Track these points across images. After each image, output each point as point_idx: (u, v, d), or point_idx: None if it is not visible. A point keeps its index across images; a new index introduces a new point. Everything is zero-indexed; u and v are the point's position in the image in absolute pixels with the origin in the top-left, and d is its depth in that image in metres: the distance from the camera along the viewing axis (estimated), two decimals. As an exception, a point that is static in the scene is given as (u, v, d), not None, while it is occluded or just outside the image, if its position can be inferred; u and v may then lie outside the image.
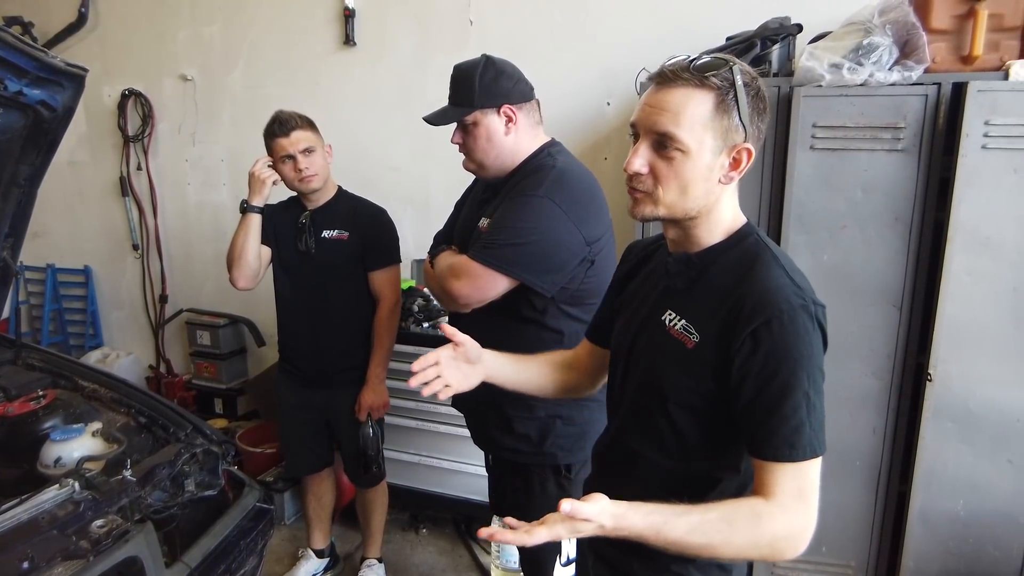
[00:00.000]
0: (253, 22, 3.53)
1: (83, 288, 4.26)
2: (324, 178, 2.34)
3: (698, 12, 2.72)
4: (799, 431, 0.96)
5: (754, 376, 0.98)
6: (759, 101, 1.02)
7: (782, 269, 1.03)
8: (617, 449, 1.23)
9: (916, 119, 2.03)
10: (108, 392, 2.17)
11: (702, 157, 1.00)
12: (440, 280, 1.66)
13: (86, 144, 4.05)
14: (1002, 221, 2.01)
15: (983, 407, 2.13)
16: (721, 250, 1.08)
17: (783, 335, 0.97)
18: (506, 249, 1.55)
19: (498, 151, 1.66)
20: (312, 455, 2.57)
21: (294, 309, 2.44)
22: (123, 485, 1.64)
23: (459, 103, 1.67)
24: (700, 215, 1.06)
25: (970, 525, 2.22)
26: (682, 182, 1.02)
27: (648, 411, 1.12)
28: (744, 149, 1.01)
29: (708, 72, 0.99)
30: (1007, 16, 1.98)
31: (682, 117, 0.99)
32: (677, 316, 1.09)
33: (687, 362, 1.05)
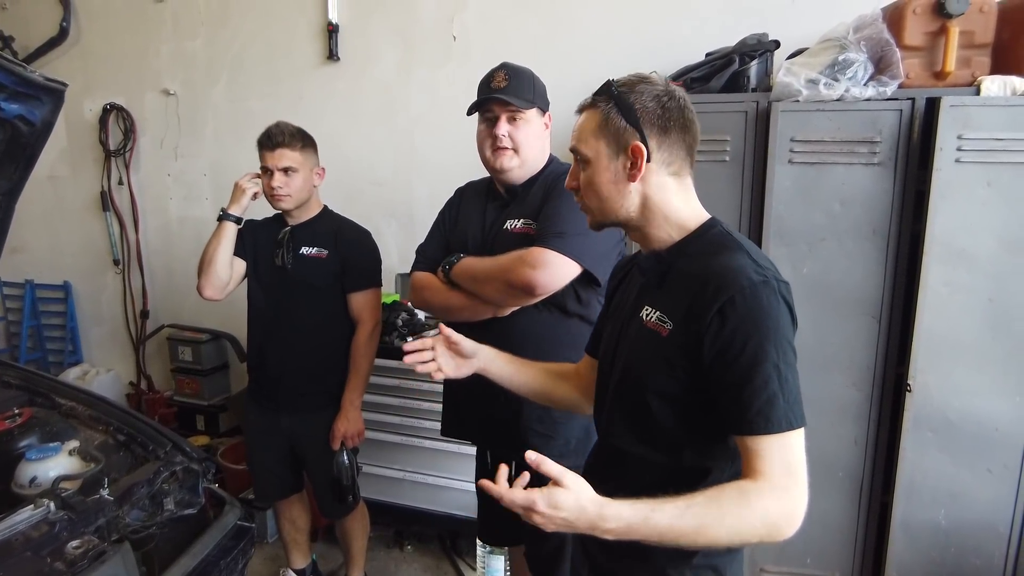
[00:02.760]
0: (236, 37, 3.53)
1: (62, 304, 4.21)
2: (299, 201, 2.28)
3: (677, 29, 2.76)
4: (772, 403, 0.99)
5: (723, 353, 1.02)
6: (649, 102, 1.11)
7: (744, 252, 1.08)
8: (606, 453, 1.25)
9: (891, 133, 2.07)
10: (86, 410, 2.14)
11: (600, 162, 1.14)
12: (505, 274, 1.64)
13: (67, 158, 4.02)
14: (977, 233, 2.05)
15: (962, 417, 2.15)
16: (687, 243, 1.14)
17: (747, 309, 1.00)
18: (577, 239, 1.62)
19: (538, 151, 1.79)
20: (278, 480, 2.47)
21: (265, 326, 2.37)
22: (100, 504, 1.62)
23: (521, 95, 1.73)
24: (644, 216, 1.15)
25: (952, 535, 2.23)
26: (595, 188, 1.15)
27: (631, 406, 1.16)
28: (634, 147, 1.10)
29: (594, 94, 1.16)
30: (978, 33, 2.03)
31: (580, 134, 1.17)
32: (652, 309, 1.14)
33: (662, 350, 1.10)
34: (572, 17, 2.93)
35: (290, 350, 2.33)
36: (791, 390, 1.00)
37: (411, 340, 1.45)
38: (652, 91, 1.12)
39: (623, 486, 1.13)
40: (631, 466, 1.18)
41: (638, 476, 1.17)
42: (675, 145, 1.12)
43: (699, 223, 1.16)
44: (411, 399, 2.81)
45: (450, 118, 3.18)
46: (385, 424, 2.82)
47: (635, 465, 1.18)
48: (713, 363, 1.03)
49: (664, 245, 1.16)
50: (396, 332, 2.89)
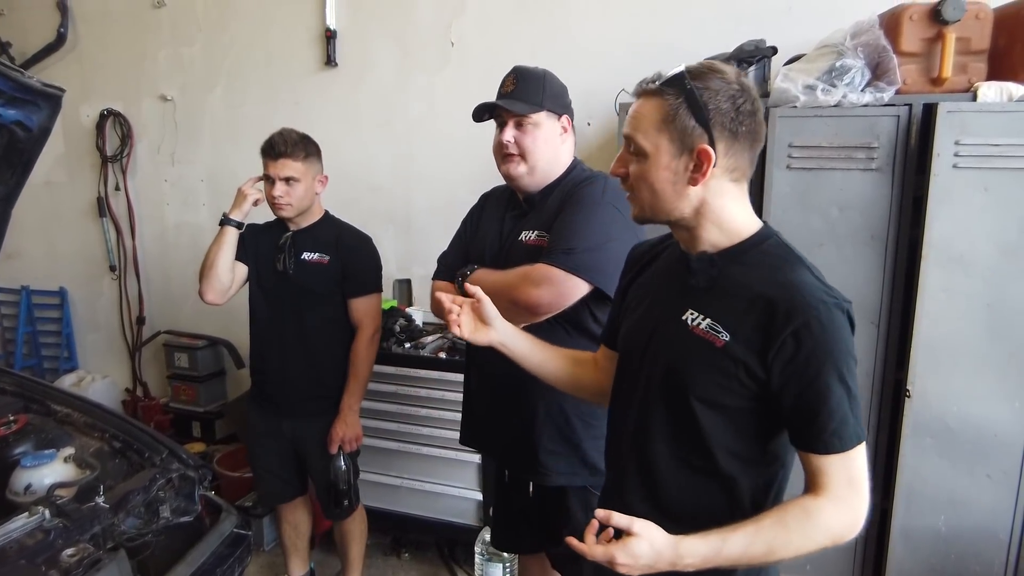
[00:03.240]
0: (234, 42, 3.53)
1: (58, 310, 4.19)
2: (300, 209, 2.30)
3: (676, 35, 2.76)
4: (845, 423, 1.01)
5: (798, 376, 1.02)
6: (728, 104, 1.04)
7: (807, 269, 1.07)
8: (637, 452, 1.22)
9: (889, 139, 2.08)
10: (82, 416, 2.13)
11: (660, 159, 1.07)
12: (510, 291, 1.58)
13: (63, 164, 4.01)
14: (975, 238, 2.05)
15: (961, 422, 2.15)
16: (742, 250, 1.10)
17: (822, 334, 1.00)
18: (587, 255, 1.54)
19: (551, 157, 1.69)
20: (282, 484, 2.48)
21: (267, 331, 2.38)
22: (95, 512, 1.61)
23: (527, 100, 1.65)
24: (696, 217, 1.10)
25: (951, 541, 2.23)
26: (648, 184, 1.09)
27: (671, 410, 1.14)
28: (702, 150, 1.04)
29: (661, 81, 1.06)
30: (974, 40, 2.04)
31: (639, 123, 1.08)
32: (700, 315, 1.10)
33: (716, 361, 1.07)
34: (569, 23, 2.94)
35: (291, 355, 2.34)
36: (857, 406, 1.03)
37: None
38: (728, 90, 1.05)
39: (655, 486, 1.17)
40: (663, 467, 1.17)
41: (671, 478, 1.16)
42: (743, 151, 1.08)
43: (753, 229, 1.12)
44: (409, 405, 2.80)
45: (448, 124, 3.19)
46: (382, 431, 2.80)
47: (668, 467, 1.16)
48: (785, 385, 1.03)
49: (714, 248, 1.12)
50: (394, 338, 2.88)
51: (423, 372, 2.77)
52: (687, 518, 1.12)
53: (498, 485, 1.97)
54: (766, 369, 1.03)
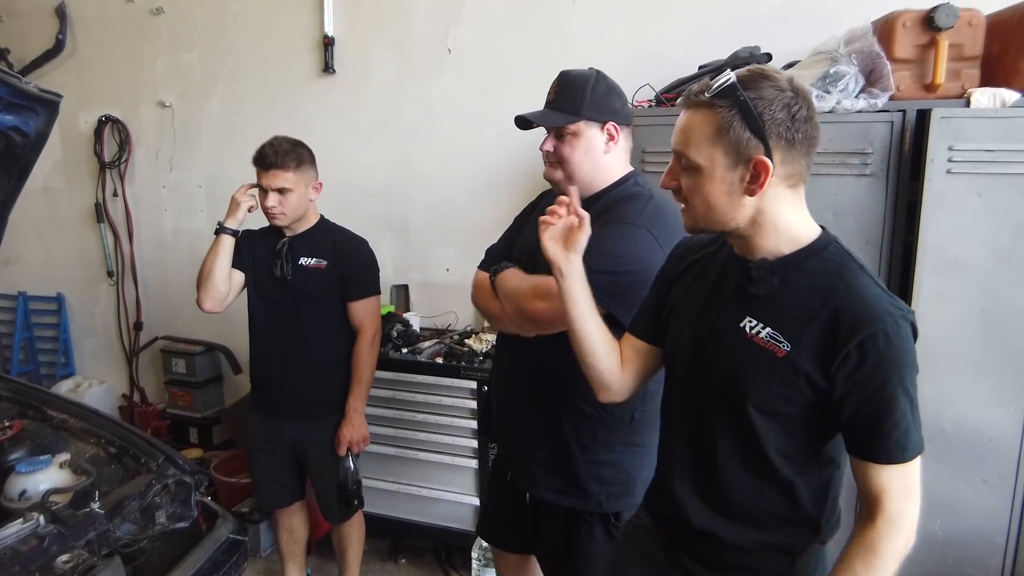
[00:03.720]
0: (232, 49, 3.54)
1: (55, 316, 4.19)
2: (294, 217, 2.31)
3: (672, 42, 2.78)
4: (908, 434, 1.02)
5: (861, 387, 1.01)
6: (784, 112, 1.02)
7: (871, 279, 1.07)
8: (695, 457, 1.22)
9: (883, 145, 2.09)
10: (77, 422, 2.13)
11: (715, 173, 1.05)
12: (518, 300, 1.57)
13: (61, 170, 4.02)
14: (969, 243, 2.06)
15: (956, 427, 2.16)
16: (802, 258, 1.08)
17: (888, 347, 1.00)
18: (602, 277, 1.44)
19: (593, 167, 1.62)
20: (281, 488, 2.48)
21: (267, 337, 2.40)
22: (90, 518, 1.61)
23: (564, 109, 1.60)
24: (752, 226, 1.08)
25: (948, 546, 2.23)
26: (704, 198, 1.08)
27: (730, 418, 1.13)
28: (759, 162, 1.03)
29: (711, 92, 1.04)
30: (967, 46, 2.06)
31: (691, 137, 1.07)
32: (760, 324, 1.09)
33: (778, 371, 1.07)
34: (566, 30, 2.95)
35: (292, 360, 2.36)
36: (918, 417, 1.04)
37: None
38: (782, 98, 1.02)
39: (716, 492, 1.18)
40: (721, 474, 1.17)
41: (731, 486, 1.16)
42: (800, 158, 1.05)
43: (812, 236, 1.10)
44: (406, 411, 2.80)
45: (445, 130, 3.21)
46: (379, 436, 2.80)
47: (727, 475, 1.16)
48: (848, 395, 1.03)
49: (772, 255, 1.09)
50: (391, 343, 2.89)
51: (420, 377, 2.77)
52: (748, 520, 1.16)
53: (499, 479, 1.94)
54: (829, 379, 1.03)
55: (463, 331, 3.09)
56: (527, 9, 3.01)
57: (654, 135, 2.26)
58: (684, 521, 1.22)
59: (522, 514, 1.83)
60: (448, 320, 3.20)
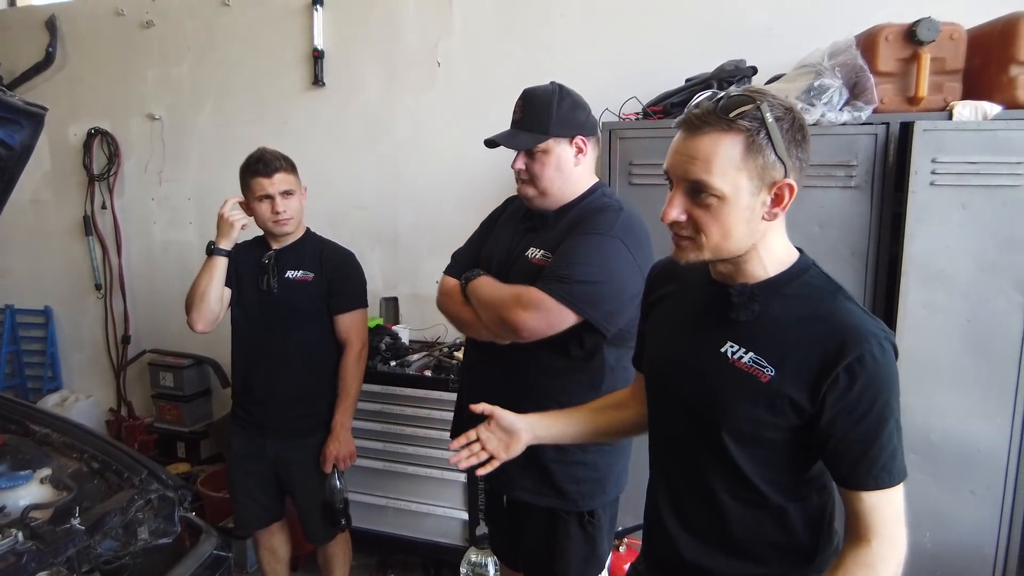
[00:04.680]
0: (222, 62, 3.55)
1: (43, 329, 4.16)
2: (298, 222, 2.31)
3: (658, 55, 2.80)
4: (894, 457, 1.02)
5: (850, 411, 1.00)
6: (796, 132, 1.01)
7: (852, 302, 1.06)
8: (685, 486, 1.20)
9: (867, 157, 2.10)
10: (60, 437, 2.10)
11: (740, 200, 1.00)
12: (499, 309, 1.59)
13: (50, 183, 4.00)
14: (953, 255, 2.07)
15: (944, 438, 2.16)
16: (783, 282, 1.07)
17: (876, 367, 0.99)
18: (581, 286, 1.52)
19: (564, 181, 1.66)
20: (260, 509, 2.42)
21: (251, 351, 2.35)
22: (70, 534, 1.58)
23: (531, 128, 1.63)
24: (750, 251, 1.06)
25: (937, 557, 2.22)
26: (723, 227, 1.01)
27: (727, 452, 1.10)
28: (785, 185, 1.00)
29: (734, 114, 0.98)
30: (948, 60, 2.08)
31: (713, 164, 0.98)
32: (742, 349, 1.07)
33: (762, 396, 1.05)
34: (555, 43, 2.98)
35: (277, 374, 2.31)
36: (902, 441, 1.04)
37: (452, 444, 1.39)
38: (797, 120, 1.01)
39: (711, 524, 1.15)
40: (718, 505, 1.14)
41: (724, 514, 1.14)
42: (801, 178, 1.03)
43: (792, 259, 1.09)
44: (394, 424, 2.78)
45: (434, 143, 3.22)
46: (368, 450, 2.78)
47: (717, 503, 1.14)
48: (835, 419, 1.01)
49: (754, 279, 1.08)
50: (379, 356, 2.87)
51: (409, 390, 2.76)
52: (741, 551, 1.14)
53: (482, 487, 2.02)
54: (816, 403, 1.02)
55: (452, 344, 3.08)
56: (516, 23, 3.03)
57: (640, 148, 2.28)
58: (676, 556, 1.19)
59: (504, 520, 1.85)
60: (437, 332, 3.18)
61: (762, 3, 2.69)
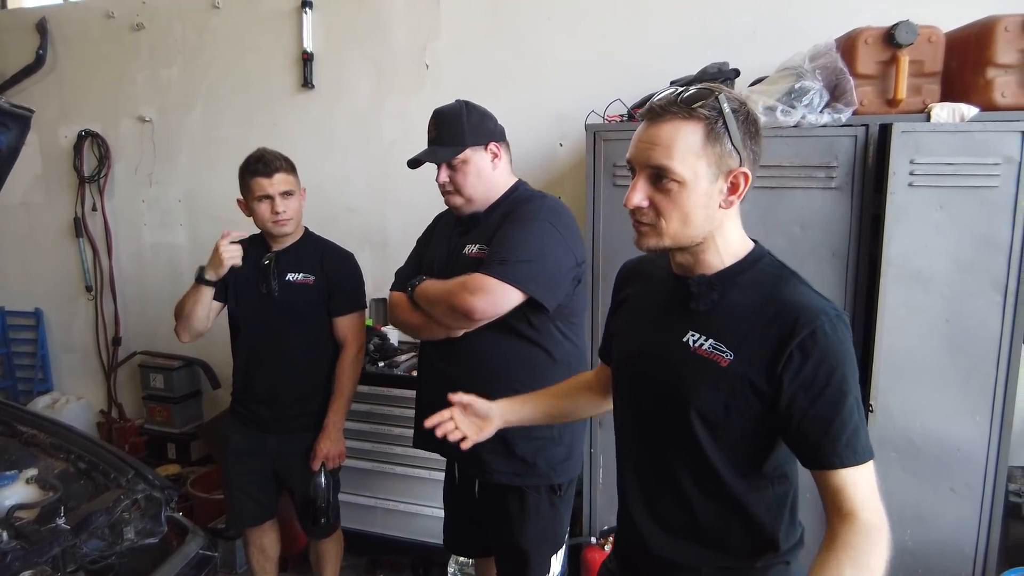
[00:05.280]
0: (212, 65, 3.56)
1: (33, 331, 4.16)
2: (297, 222, 2.33)
3: (643, 58, 2.82)
4: (857, 434, 1.01)
5: (807, 387, 1.02)
6: (750, 125, 1.06)
7: (805, 285, 1.10)
8: (650, 478, 1.22)
9: (847, 158, 2.13)
10: (48, 437, 2.11)
11: (698, 186, 1.04)
12: (449, 298, 1.69)
13: (40, 185, 4.00)
14: (932, 255, 2.09)
15: (924, 437, 2.18)
16: (739, 271, 1.11)
17: (828, 343, 1.01)
18: (519, 266, 1.65)
19: (486, 185, 1.80)
20: (255, 505, 2.44)
21: (252, 352, 2.37)
22: (55, 534, 1.60)
23: (448, 143, 1.78)
24: (707, 240, 1.10)
25: (918, 556, 2.24)
26: (682, 212, 1.06)
27: (678, 434, 1.13)
28: (740, 173, 1.05)
29: (695, 103, 1.03)
30: (927, 63, 2.10)
31: (674, 150, 1.03)
32: (702, 336, 1.10)
33: (722, 380, 1.07)
34: (541, 46, 3.00)
35: (277, 374, 2.34)
36: (864, 420, 1.04)
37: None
38: (744, 109, 1.05)
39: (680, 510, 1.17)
40: (685, 490, 1.16)
41: (686, 505, 1.16)
42: (755, 171, 1.08)
43: (747, 249, 1.13)
44: (382, 424, 2.79)
45: (423, 145, 3.19)
46: (357, 450, 2.79)
47: (680, 495, 1.16)
48: (794, 398, 1.02)
49: (712, 269, 1.12)
50: (368, 357, 2.88)
51: (397, 391, 2.77)
52: (706, 541, 1.16)
53: (449, 487, 2.05)
54: (775, 384, 1.03)
55: (441, 344, 3.09)
56: (503, 26, 3.05)
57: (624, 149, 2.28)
58: (645, 549, 1.21)
59: (477, 512, 1.92)
60: (426, 333, 3.20)
61: (746, 7, 2.72)
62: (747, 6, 2.72)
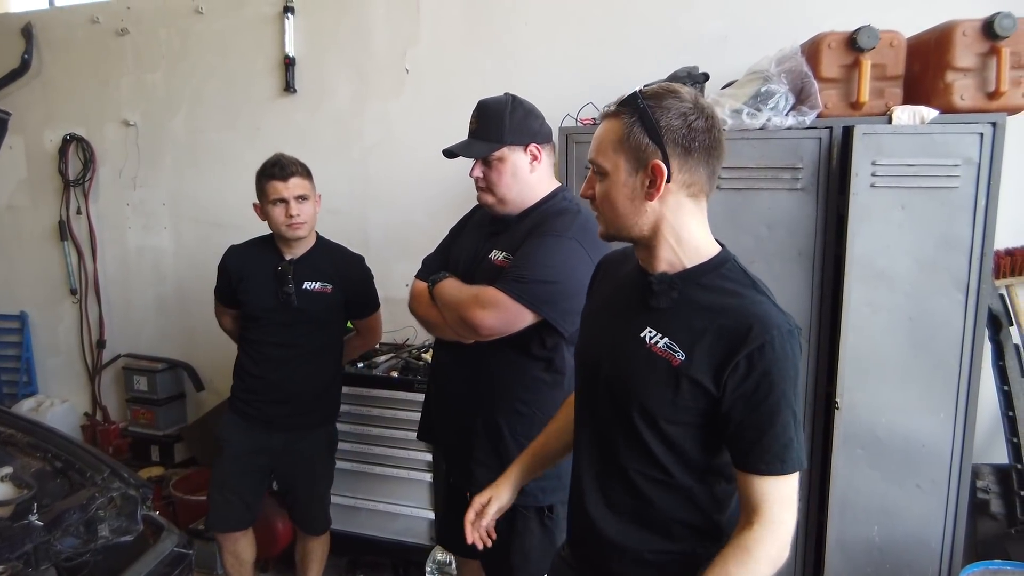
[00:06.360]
0: (196, 69, 3.59)
1: (18, 335, 4.16)
2: (311, 227, 2.36)
3: (616, 62, 2.87)
4: (788, 447, 1.07)
5: (746, 397, 1.06)
6: (674, 119, 1.08)
7: (765, 296, 1.12)
8: (599, 465, 1.26)
9: (812, 160, 2.17)
10: (24, 437, 2.13)
11: (619, 177, 1.12)
12: (460, 308, 1.64)
13: (26, 189, 4.02)
14: (894, 254, 2.13)
15: (889, 434, 2.22)
16: (701, 272, 1.14)
17: (775, 359, 1.05)
18: (537, 286, 1.57)
19: (521, 187, 1.72)
20: (243, 509, 2.44)
21: (267, 356, 2.38)
22: (28, 530, 1.62)
23: (487, 137, 1.70)
24: (655, 236, 1.14)
25: (886, 551, 2.28)
26: (610, 202, 1.14)
27: (638, 432, 1.16)
28: (655, 165, 1.09)
29: (617, 105, 1.14)
30: (889, 66, 2.15)
31: (599, 145, 1.15)
32: (658, 334, 1.14)
33: (672, 379, 1.11)
34: (519, 51, 3.04)
35: (294, 377, 2.39)
36: (801, 433, 1.08)
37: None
38: (679, 108, 1.09)
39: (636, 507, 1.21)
40: (641, 488, 1.19)
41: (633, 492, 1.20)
42: (698, 167, 1.10)
43: (712, 252, 1.16)
44: (362, 425, 2.82)
45: (404, 148, 3.27)
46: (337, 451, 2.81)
47: (629, 482, 1.20)
48: (734, 405, 1.07)
49: (672, 268, 1.15)
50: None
51: (376, 391, 2.80)
52: (653, 528, 1.20)
53: (445, 483, 2.03)
54: (719, 388, 1.08)
55: (421, 346, 3.12)
56: (482, 31, 3.09)
57: (596, 152, 2.33)
58: (596, 534, 1.24)
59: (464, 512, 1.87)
60: (407, 335, 3.23)
61: (718, 13, 2.76)
62: (718, 12, 2.76)
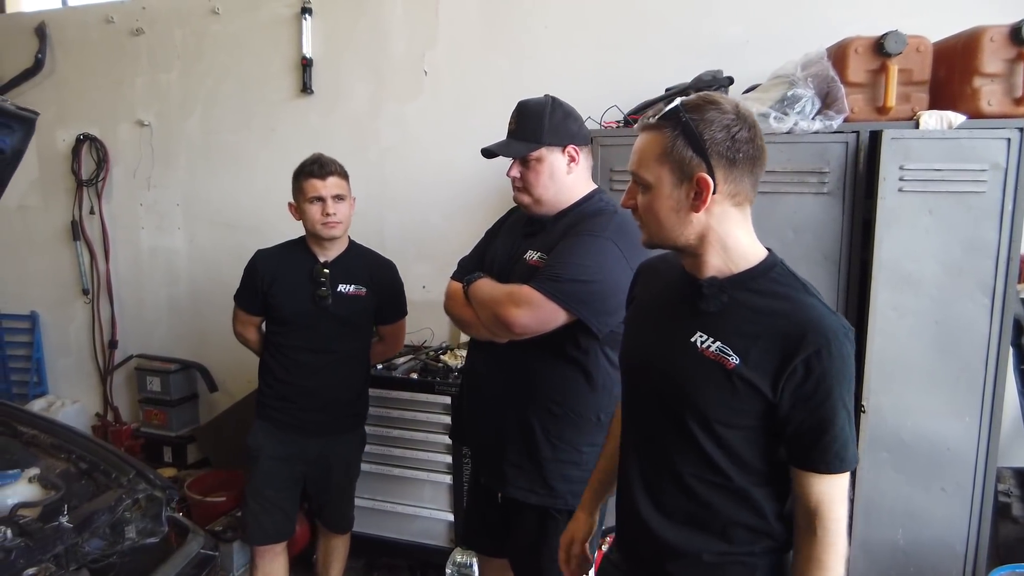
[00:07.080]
0: (211, 70, 3.58)
1: (29, 335, 4.15)
2: (346, 228, 2.36)
3: (639, 65, 2.87)
4: (847, 446, 1.10)
5: (806, 400, 1.08)
6: (717, 132, 1.09)
7: (815, 298, 1.13)
8: (653, 469, 1.26)
9: (839, 164, 2.17)
10: (48, 438, 2.13)
11: (663, 190, 1.13)
12: (494, 306, 1.64)
13: (38, 188, 4.01)
14: (921, 259, 2.14)
15: (915, 437, 2.22)
16: (750, 277, 1.15)
17: (832, 362, 1.06)
18: (572, 285, 1.58)
19: (558, 188, 1.73)
20: (284, 519, 2.40)
21: (297, 361, 2.36)
22: (58, 532, 1.61)
23: (525, 138, 1.71)
24: (701, 243, 1.15)
25: (910, 554, 2.28)
26: (654, 213, 1.15)
27: (693, 436, 1.17)
28: (700, 178, 1.10)
29: (658, 118, 1.13)
30: (915, 71, 2.16)
31: (642, 158, 1.16)
32: (710, 338, 1.15)
33: (727, 382, 1.12)
34: (539, 54, 3.04)
35: (325, 380, 2.37)
36: (854, 430, 1.11)
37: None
38: (722, 120, 1.10)
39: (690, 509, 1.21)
40: (680, 486, 1.20)
41: (688, 495, 1.20)
42: (742, 177, 1.12)
43: (760, 256, 1.17)
44: (381, 427, 2.81)
45: (420, 150, 3.27)
46: (355, 452, 2.81)
47: (684, 485, 1.20)
48: (793, 408, 1.09)
49: (721, 273, 1.16)
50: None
51: (395, 393, 2.79)
52: (710, 530, 1.20)
53: (474, 483, 2.03)
54: (776, 392, 1.09)
55: (439, 347, 3.12)
56: (501, 34, 3.09)
57: (621, 155, 2.33)
58: (649, 536, 1.24)
59: (495, 516, 1.88)
60: (424, 336, 3.22)
61: (739, 17, 2.77)
62: (739, 16, 2.77)
